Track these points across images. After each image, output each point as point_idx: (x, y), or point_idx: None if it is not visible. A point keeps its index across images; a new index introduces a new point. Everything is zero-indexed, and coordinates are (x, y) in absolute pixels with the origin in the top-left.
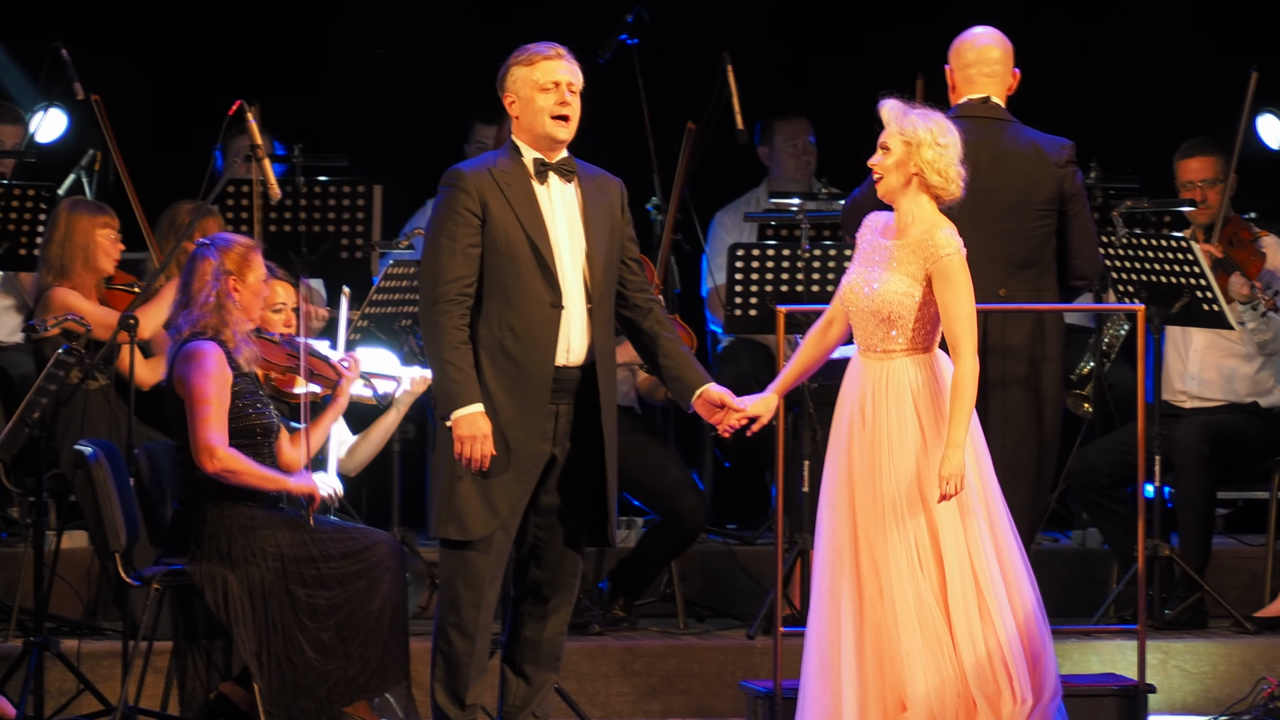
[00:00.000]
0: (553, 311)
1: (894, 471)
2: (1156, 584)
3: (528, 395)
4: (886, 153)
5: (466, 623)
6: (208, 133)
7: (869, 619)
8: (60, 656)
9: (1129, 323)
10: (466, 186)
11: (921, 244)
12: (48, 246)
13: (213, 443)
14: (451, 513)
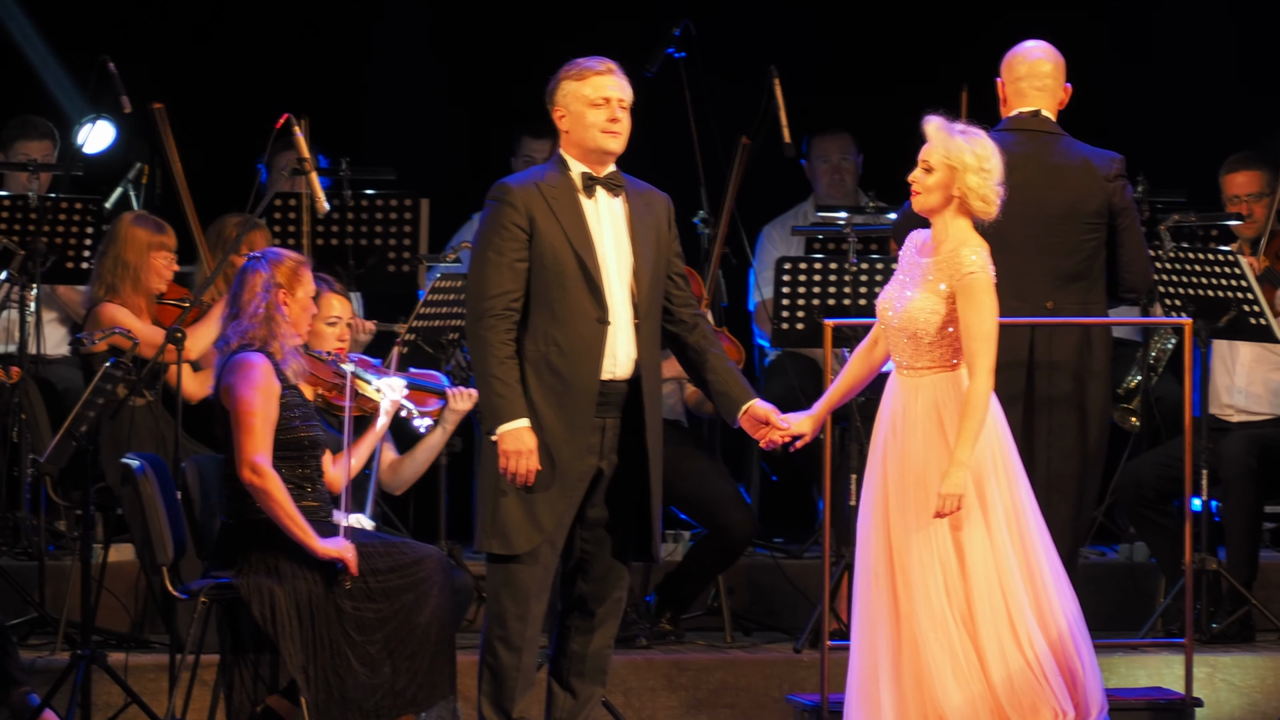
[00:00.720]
0: (599, 327)
1: (921, 489)
2: (1204, 598)
3: (573, 410)
4: (929, 172)
5: (512, 636)
6: (256, 146)
7: (905, 634)
8: (107, 670)
9: (1176, 336)
10: (513, 201)
11: (949, 261)
12: (102, 260)
13: (257, 459)
14: (496, 527)
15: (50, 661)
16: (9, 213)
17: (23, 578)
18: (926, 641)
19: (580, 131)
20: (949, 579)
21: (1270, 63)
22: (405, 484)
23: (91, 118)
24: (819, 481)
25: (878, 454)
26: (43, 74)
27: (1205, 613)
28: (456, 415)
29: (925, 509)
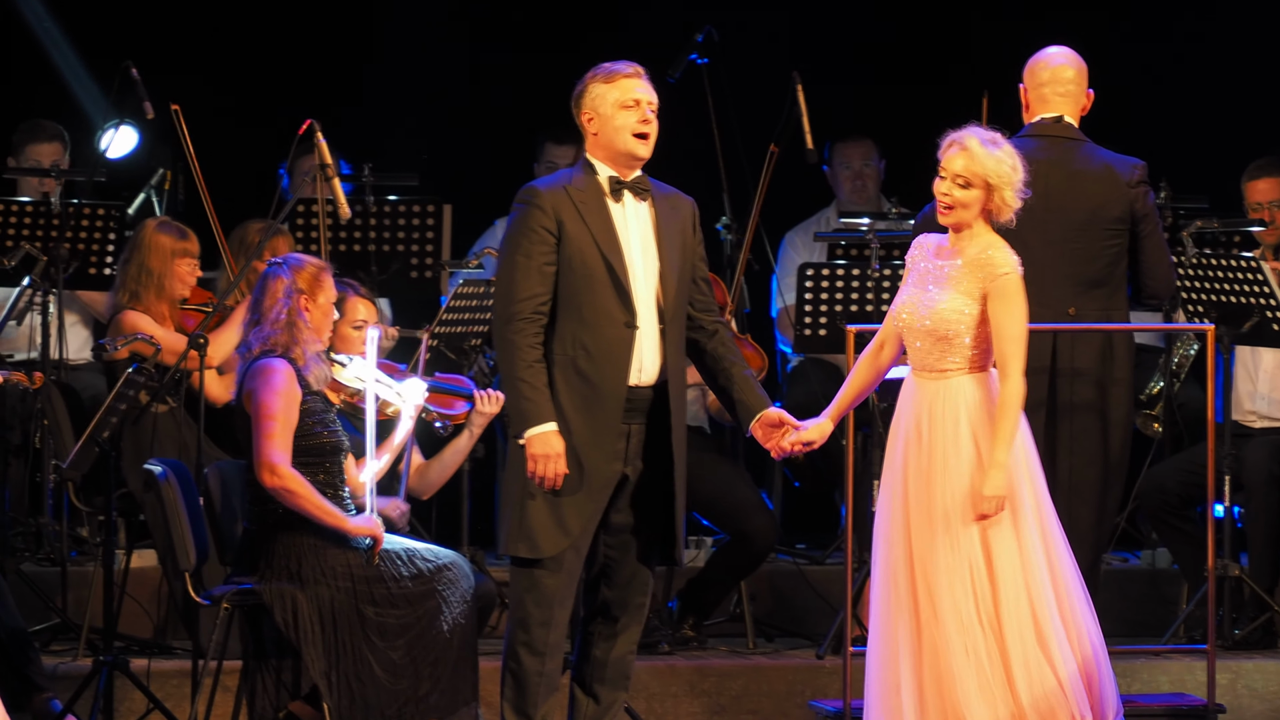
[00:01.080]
0: (626, 331)
1: (948, 492)
2: (1226, 604)
3: (601, 415)
4: (966, 188)
5: (536, 641)
6: (278, 151)
7: (926, 641)
8: (130, 676)
9: (1199, 342)
10: (542, 204)
11: (980, 262)
12: (125, 266)
13: (275, 459)
14: (523, 531)
15: (73, 667)
16: (31, 218)
17: (45, 583)
18: (952, 646)
19: (609, 134)
20: (977, 583)
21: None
22: (431, 488)
23: (114, 123)
24: (841, 487)
25: (896, 459)
26: (68, 78)
27: (1228, 619)
28: (484, 419)
29: (953, 513)
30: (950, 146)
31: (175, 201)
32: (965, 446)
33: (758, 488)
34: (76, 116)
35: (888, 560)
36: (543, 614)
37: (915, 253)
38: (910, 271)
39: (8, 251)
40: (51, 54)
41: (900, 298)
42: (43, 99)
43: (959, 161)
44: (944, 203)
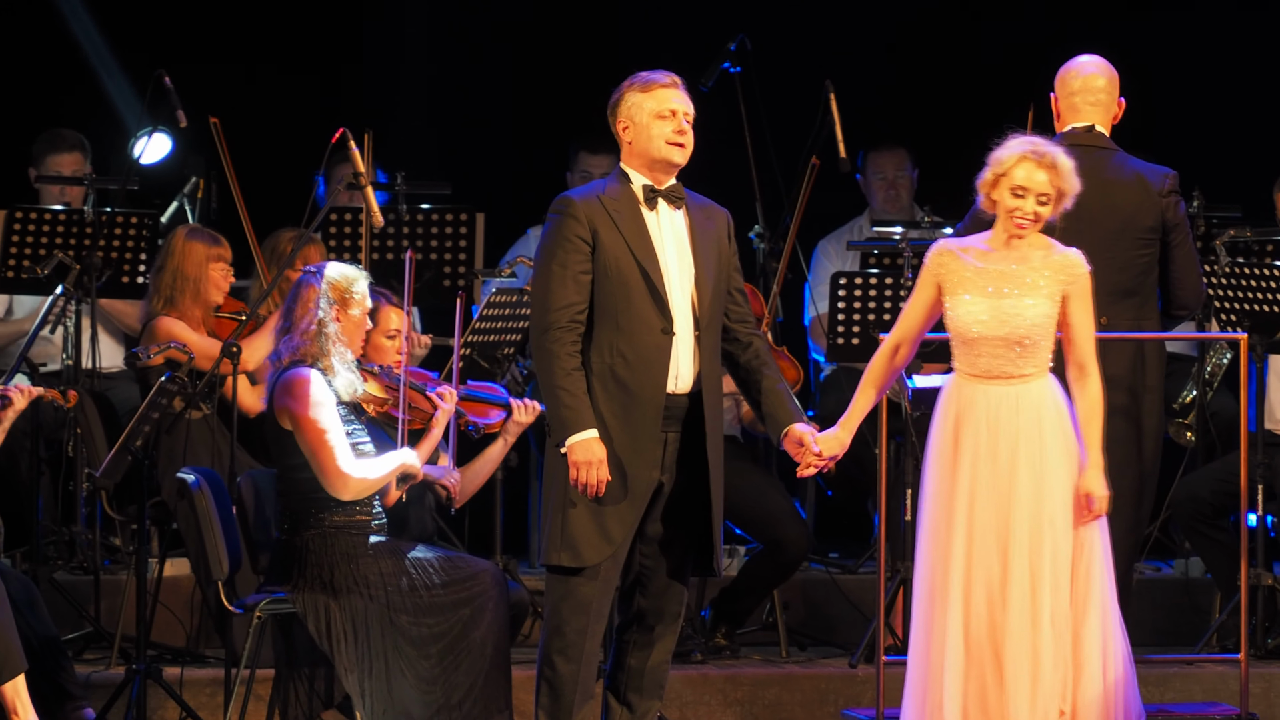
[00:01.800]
0: (664, 338)
1: (1046, 496)
2: (1259, 613)
3: (640, 422)
4: (1046, 204)
5: (572, 649)
6: (312, 160)
7: (974, 647)
8: (162, 684)
9: (1231, 351)
10: (577, 213)
11: (1059, 264)
12: (159, 274)
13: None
14: (565, 539)
15: (106, 676)
16: (65, 227)
17: (78, 592)
18: (1009, 656)
19: (645, 143)
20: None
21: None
22: (465, 496)
23: (148, 130)
24: (874, 496)
25: (963, 467)
26: (106, 85)
27: (1261, 628)
28: (519, 427)
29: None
30: (1024, 160)
31: (209, 210)
32: (1053, 450)
33: (790, 496)
34: (111, 123)
35: (939, 567)
36: (579, 622)
37: (945, 259)
38: (953, 277)
39: (41, 260)
40: (91, 59)
41: (961, 306)
42: (71, 106)
43: (1044, 176)
44: (1025, 218)
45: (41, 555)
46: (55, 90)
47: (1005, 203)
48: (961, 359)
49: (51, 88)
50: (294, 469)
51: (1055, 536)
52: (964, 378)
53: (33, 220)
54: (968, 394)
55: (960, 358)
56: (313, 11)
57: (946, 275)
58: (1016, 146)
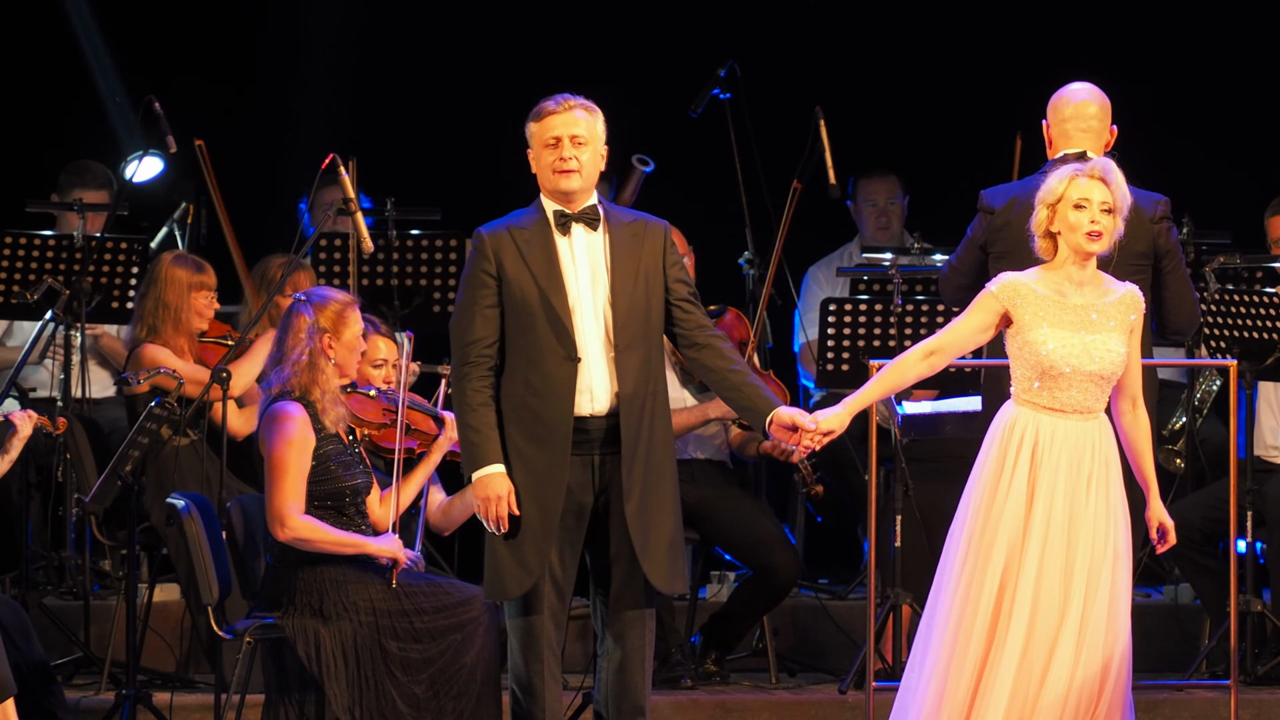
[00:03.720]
0: (568, 365)
1: (1105, 532)
2: (1249, 639)
3: (552, 449)
4: (1109, 214)
5: (529, 679)
6: (300, 185)
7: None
8: (152, 709)
9: (1221, 378)
10: (484, 249)
11: (1128, 301)
12: (143, 301)
13: (284, 511)
14: (492, 574)
15: (95, 701)
16: (55, 252)
17: (68, 617)
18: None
19: (541, 173)
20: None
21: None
22: (455, 524)
23: (139, 154)
24: (864, 522)
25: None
26: (109, 108)
27: (1250, 654)
28: None
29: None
30: (1074, 179)
31: (198, 235)
32: (1115, 492)
33: (780, 522)
34: (107, 145)
35: (975, 588)
36: (531, 651)
37: (1018, 289)
38: (1032, 308)
39: (30, 285)
40: (97, 81)
41: (1049, 338)
42: (71, 127)
43: (1101, 189)
44: (1093, 231)
45: (31, 580)
46: (54, 112)
47: (1069, 221)
48: (1038, 393)
49: (50, 109)
50: None
51: (1114, 572)
52: (1037, 410)
53: (22, 245)
54: (1047, 426)
55: (1036, 391)
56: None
57: (1019, 305)
58: (1062, 173)
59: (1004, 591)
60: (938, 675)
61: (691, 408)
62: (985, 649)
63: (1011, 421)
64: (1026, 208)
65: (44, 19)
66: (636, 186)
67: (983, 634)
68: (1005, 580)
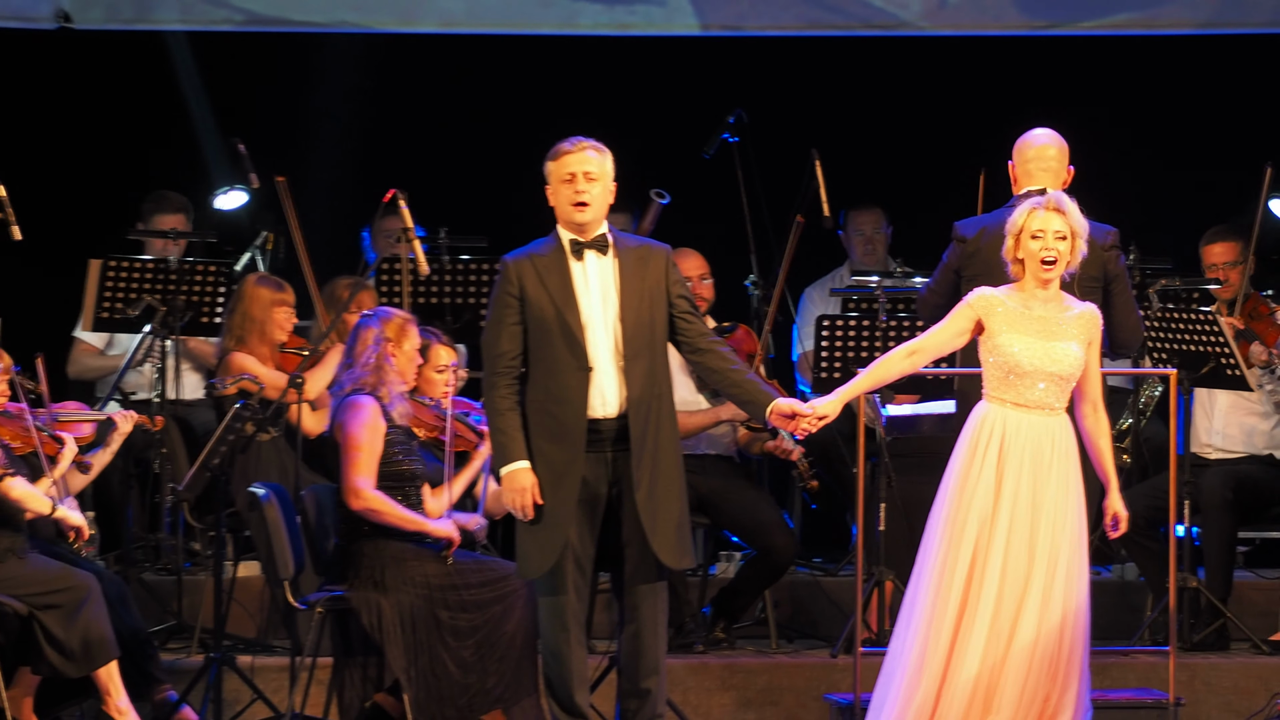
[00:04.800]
0: (581, 374)
1: (1076, 515)
2: (1185, 611)
3: (568, 447)
4: (1063, 240)
5: (557, 646)
6: (363, 217)
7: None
8: (236, 670)
9: (1163, 385)
10: (508, 274)
11: (1085, 317)
12: (231, 316)
13: (359, 484)
14: (519, 555)
15: (186, 663)
16: (152, 274)
17: (163, 590)
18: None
19: (559, 205)
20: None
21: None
22: (503, 511)
23: (225, 188)
24: (852, 509)
25: (1010, 481)
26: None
27: (1186, 624)
28: None
29: (1081, 533)
30: (1033, 211)
31: (276, 259)
32: (1074, 480)
33: (780, 509)
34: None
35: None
36: (557, 622)
37: (990, 301)
38: (998, 318)
39: (131, 303)
40: (194, 119)
41: (1015, 342)
42: (160, 161)
43: (1057, 220)
44: (1048, 258)
45: (131, 558)
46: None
47: (1028, 249)
48: (1004, 389)
49: (145, 146)
50: None
51: (1068, 554)
52: (1006, 406)
53: (124, 269)
54: (1014, 420)
55: (1002, 388)
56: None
57: (990, 314)
58: (1023, 207)
59: (975, 565)
60: (919, 641)
61: (705, 410)
62: (959, 616)
63: (983, 417)
64: (995, 237)
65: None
66: (655, 216)
67: (957, 603)
68: (976, 555)
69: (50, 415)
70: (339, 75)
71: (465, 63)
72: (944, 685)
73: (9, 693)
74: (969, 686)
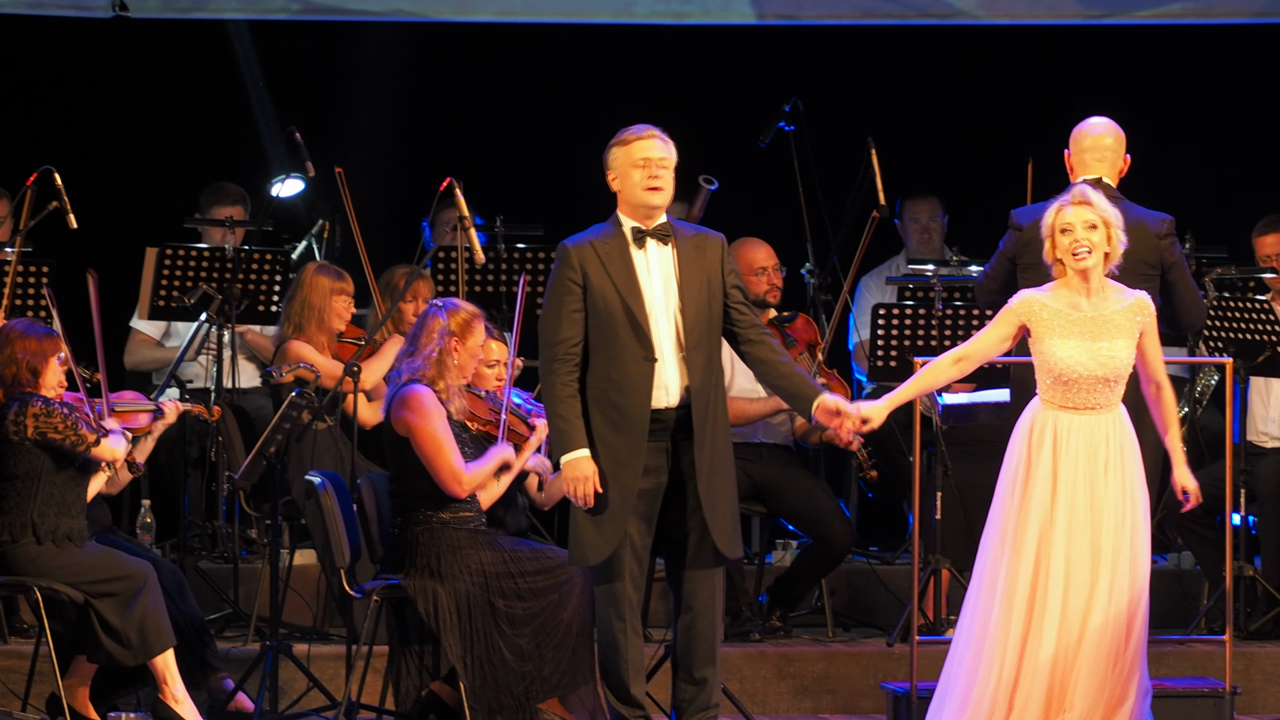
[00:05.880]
0: (646, 364)
1: (1123, 510)
2: (1241, 600)
3: (630, 437)
4: (1093, 230)
5: (614, 635)
6: (422, 205)
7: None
8: (292, 658)
9: (1218, 373)
10: (570, 259)
11: (1136, 306)
12: (290, 304)
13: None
14: (575, 543)
15: (243, 651)
16: (209, 263)
17: (220, 578)
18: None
19: (629, 191)
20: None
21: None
22: (553, 500)
23: (282, 177)
24: (909, 498)
25: (1065, 481)
26: (264, 135)
27: (1243, 613)
28: None
29: (1140, 524)
30: (1060, 209)
31: (333, 248)
32: (1131, 473)
33: (836, 498)
34: (256, 169)
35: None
36: (613, 611)
37: (1034, 305)
38: (1041, 323)
39: (188, 291)
40: (255, 109)
41: (1059, 348)
42: (221, 153)
43: (1082, 212)
44: (1080, 249)
45: (188, 546)
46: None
47: (1061, 245)
48: (1054, 393)
49: (199, 132)
50: (407, 472)
51: (1129, 548)
52: (1055, 408)
53: (180, 257)
54: (1065, 422)
55: (1052, 391)
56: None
57: (1036, 320)
58: (1051, 207)
59: (1040, 562)
60: (987, 640)
61: (765, 399)
62: (1028, 615)
63: (1034, 419)
64: None
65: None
66: (704, 203)
67: (1025, 601)
68: (1040, 553)
69: (108, 405)
70: (395, 64)
71: (522, 51)
72: (1018, 681)
73: (65, 681)
74: (1044, 682)
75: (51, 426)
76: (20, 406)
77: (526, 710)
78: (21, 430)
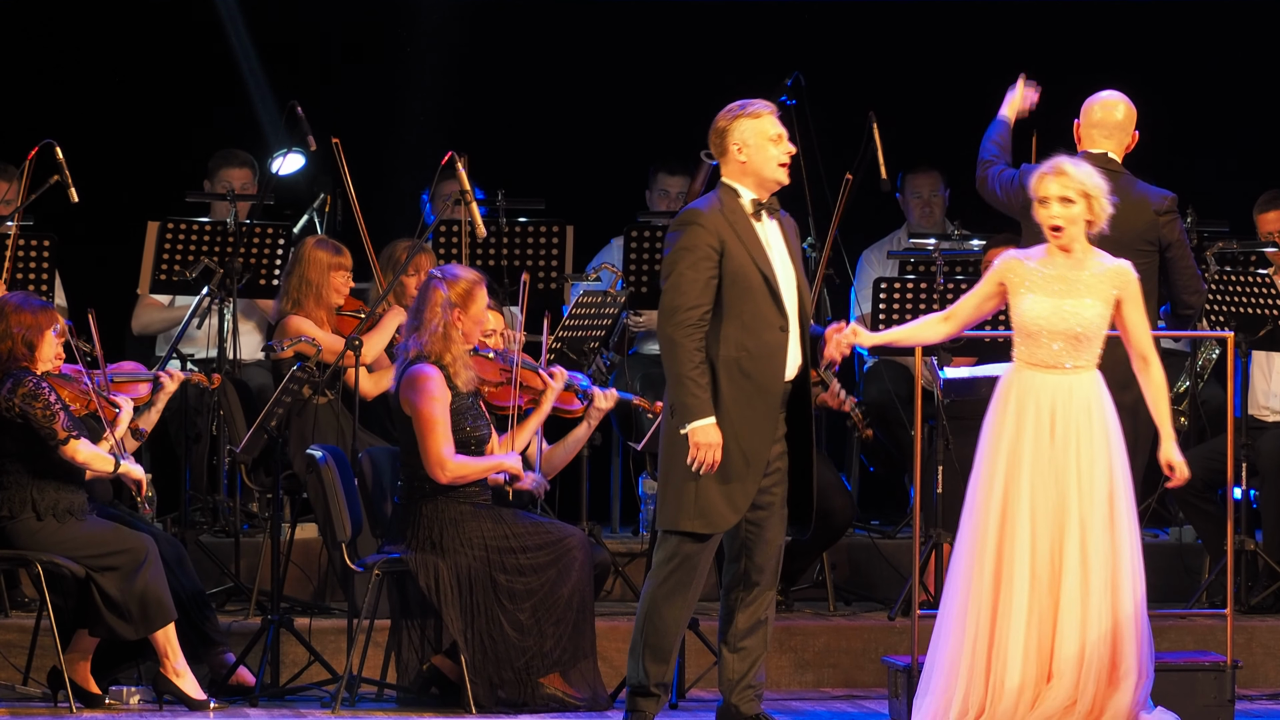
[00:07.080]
0: (781, 334)
1: (1087, 474)
2: (1243, 574)
3: (761, 407)
4: (1069, 204)
5: (681, 602)
6: (419, 180)
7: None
8: (293, 632)
9: (1220, 347)
10: (706, 224)
11: (1112, 272)
12: (288, 278)
13: (442, 457)
14: (698, 508)
15: (244, 625)
16: (210, 236)
17: (221, 552)
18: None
19: (760, 164)
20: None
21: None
22: (554, 470)
23: (283, 151)
24: (910, 472)
25: (1027, 442)
26: (259, 110)
27: (1244, 587)
28: (600, 413)
29: (1117, 493)
30: (1040, 178)
31: (334, 222)
32: (1099, 435)
33: (838, 472)
34: (255, 143)
35: (996, 531)
36: (686, 578)
37: (1011, 264)
38: (1019, 279)
39: (189, 265)
40: (248, 83)
41: (1027, 303)
42: (223, 127)
43: (1057, 183)
44: (1053, 224)
45: (189, 520)
46: (207, 113)
47: (1039, 216)
48: (1022, 349)
49: (203, 110)
50: (413, 447)
51: (1101, 509)
52: (1023, 366)
53: (182, 231)
54: (1028, 380)
55: (1021, 348)
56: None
57: (1011, 276)
58: (1033, 174)
59: (1005, 525)
60: (960, 606)
61: None
62: (995, 580)
63: (1008, 378)
64: None
65: (198, 29)
66: (705, 177)
67: (992, 566)
68: (1005, 515)
69: (106, 376)
70: (396, 38)
71: (523, 24)
72: (992, 646)
73: (66, 655)
74: (1019, 647)
75: (34, 409)
76: (14, 384)
77: (527, 685)
78: (12, 407)
